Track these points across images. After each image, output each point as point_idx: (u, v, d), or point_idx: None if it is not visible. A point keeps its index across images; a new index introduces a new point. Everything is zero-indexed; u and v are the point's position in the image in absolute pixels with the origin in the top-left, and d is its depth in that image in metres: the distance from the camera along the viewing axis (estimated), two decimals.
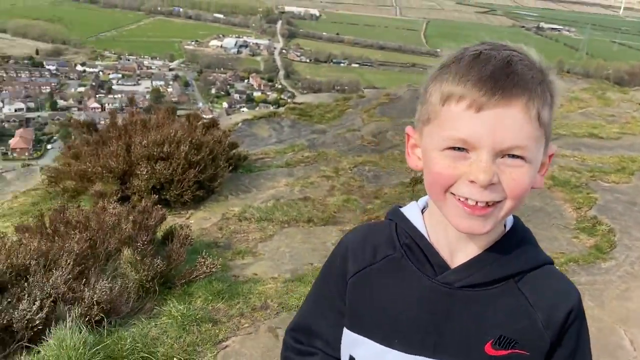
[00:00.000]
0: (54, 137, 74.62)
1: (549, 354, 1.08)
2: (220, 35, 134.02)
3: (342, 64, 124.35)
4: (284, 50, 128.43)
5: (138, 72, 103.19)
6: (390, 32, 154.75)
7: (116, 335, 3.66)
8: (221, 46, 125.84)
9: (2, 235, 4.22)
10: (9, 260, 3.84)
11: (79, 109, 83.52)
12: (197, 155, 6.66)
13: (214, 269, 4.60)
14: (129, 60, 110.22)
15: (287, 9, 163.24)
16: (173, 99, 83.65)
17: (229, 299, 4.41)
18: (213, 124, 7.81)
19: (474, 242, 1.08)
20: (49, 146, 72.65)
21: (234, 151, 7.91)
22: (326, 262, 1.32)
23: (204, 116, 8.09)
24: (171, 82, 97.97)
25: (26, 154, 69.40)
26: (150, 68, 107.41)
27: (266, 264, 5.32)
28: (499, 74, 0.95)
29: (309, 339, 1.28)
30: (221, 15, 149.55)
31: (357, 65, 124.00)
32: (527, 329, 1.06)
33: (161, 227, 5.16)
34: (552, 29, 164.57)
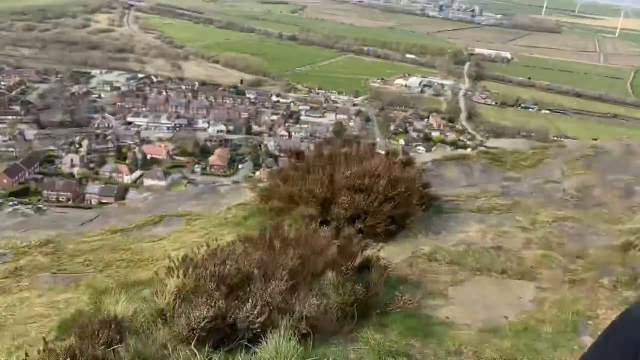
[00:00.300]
0: (246, 158, 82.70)
1: None
2: (406, 75, 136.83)
3: (530, 109, 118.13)
4: (469, 92, 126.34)
5: (325, 105, 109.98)
6: (590, 79, 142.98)
7: (321, 351, 3.91)
8: (405, 85, 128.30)
9: (231, 243, 4.81)
10: (237, 266, 4.36)
11: (269, 135, 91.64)
12: (394, 191, 6.85)
13: (410, 306, 4.67)
14: (318, 93, 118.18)
15: (477, 50, 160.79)
16: (354, 132, 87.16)
17: (424, 337, 4.43)
18: (409, 161, 7.99)
19: None
20: (240, 166, 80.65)
21: (426, 190, 7.97)
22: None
23: (401, 153, 8.32)
24: (353, 117, 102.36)
25: (221, 170, 77.89)
26: (336, 102, 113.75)
27: (458, 309, 5.24)
28: None
29: None
30: (410, 55, 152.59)
31: (547, 112, 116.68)
32: None
33: (360, 256, 5.39)
34: None
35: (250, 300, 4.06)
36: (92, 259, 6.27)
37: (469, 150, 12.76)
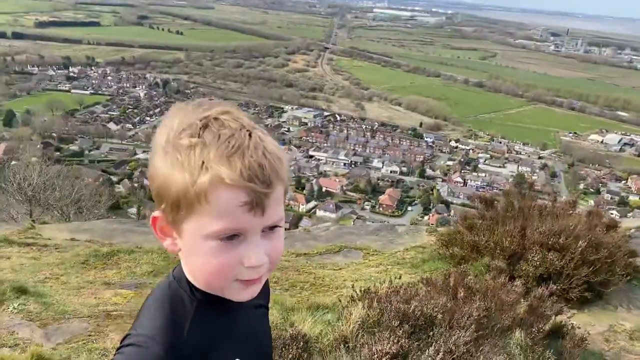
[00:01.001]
0: (416, 201, 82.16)
1: None
2: (603, 130, 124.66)
3: None
4: None
5: (507, 155, 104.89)
6: None
7: None
8: (602, 141, 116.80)
9: (414, 284, 4.79)
10: (421, 307, 4.32)
11: (443, 180, 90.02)
12: (595, 255, 6.23)
13: None
14: (500, 142, 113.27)
15: None
16: (536, 187, 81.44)
17: None
18: (614, 225, 7.22)
19: None
20: (409, 208, 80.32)
21: (631, 259, 7.10)
22: None
23: (607, 216, 7.55)
24: (537, 170, 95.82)
25: (390, 210, 78.34)
26: (520, 153, 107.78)
27: None
28: None
29: None
30: (616, 112, 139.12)
31: None
32: None
33: (552, 320, 4.98)
34: None
35: (433, 345, 3.98)
36: (280, 276, 6.73)
37: None
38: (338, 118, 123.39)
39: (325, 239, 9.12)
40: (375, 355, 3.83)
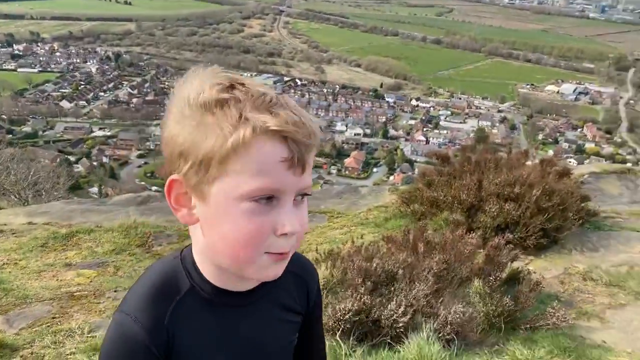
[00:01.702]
0: (380, 162, 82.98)
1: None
2: (559, 81, 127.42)
3: None
4: (631, 101, 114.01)
5: (467, 110, 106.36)
6: None
7: (464, 359, 3.83)
8: (558, 92, 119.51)
9: (375, 242, 4.89)
10: (382, 264, 4.42)
11: (406, 140, 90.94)
12: (548, 202, 6.45)
13: (562, 323, 4.38)
14: (460, 98, 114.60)
15: None
16: (496, 140, 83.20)
17: (576, 358, 4.12)
18: (566, 172, 7.47)
19: None
20: (375, 169, 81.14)
21: (583, 204, 7.38)
22: None
23: (557, 163, 7.80)
24: (497, 124, 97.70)
25: (355, 173, 78.98)
26: (479, 108, 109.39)
27: (617, 334, 4.79)
28: None
29: None
30: (570, 63, 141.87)
31: None
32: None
33: (509, 267, 5.17)
34: None
35: (394, 300, 4.10)
36: None
37: (629, 164, 11.57)
38: (299, 83, 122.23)
39: None
40: (339, 313, 3.92)
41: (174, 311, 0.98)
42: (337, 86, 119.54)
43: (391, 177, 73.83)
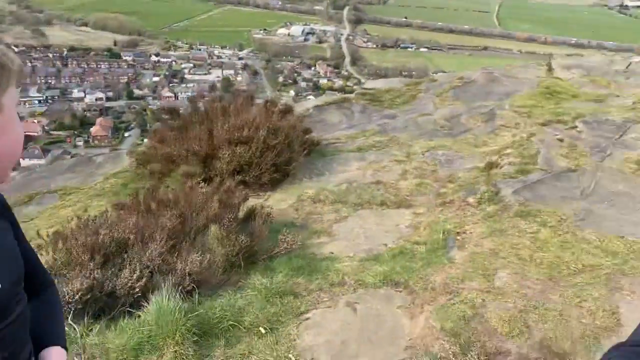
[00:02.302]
0: (131, 125, 78.51)
1: None
2: (288, 23, 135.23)
3: (409, 49, 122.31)
4: (350, 37, 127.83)
5: (209, 61, 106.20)
6: (460, 14, 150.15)
7: (207, 305, 3.94)
8: (289, 34, 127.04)
9: (104, 212, 4.61)
10: (111, 234, 4.21)
11: (154, 98, 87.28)
12: (275, 140, 6.89)
13: (294, 246, 4.82)
14: (200, 50, 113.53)
15: None
16: (242, 88, 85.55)
17: (309, 274, 4.60)
18: (288, 110, 8.04)
19: None
20: (126, 134, 76.50)
21: (307, 136, 8.10)
22: None
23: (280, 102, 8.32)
24: (240, 71, 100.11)
25: (106, 141, 73.41)
26: (221, 57, 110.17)
27: (342, 243, 5.49)
28: None
29: None
30: (295, 5, 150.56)
31: (425, 50, 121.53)
32: None
33: (243, 207, 5.43)
34: (639, 6, 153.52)
35: (128, 266, 3.96)
36: None
37: (353, 94, 13.06)
38: (16, 50, 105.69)
39: (11, 191, 8.03)
40: (67, 296, 3.63)
41: None
42: (65, 49, 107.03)
43: (145, 140, 70.60)
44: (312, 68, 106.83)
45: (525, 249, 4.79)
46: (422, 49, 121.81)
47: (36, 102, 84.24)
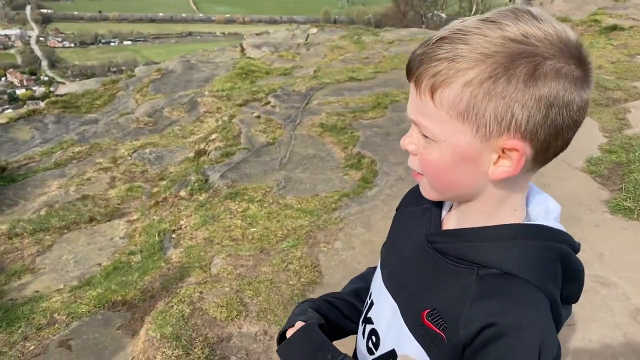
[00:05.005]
0: None
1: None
2: None
3: (112, 44, 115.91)
4: (41, 38, 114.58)
5: None
6: (156, 3, 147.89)
7: None
8: None
9: None
10: None
11: None
12: None
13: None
14: None
15: None
16: None
17: (8, 326, 3.97)
18: None
19: (460, 214, 1.06)
20: None
21: None
22: None
23: None
24: None
25: None
26: None
27: (48, 277, 4.89)
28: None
29: None
30: None
31: (129, 43, 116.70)
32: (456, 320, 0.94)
33: None
34: None
35: None
36: None
37: (42, 103, 11.72)
38: None
39: None
40: None
41: None
42: None
43: None
44: (3, 78, 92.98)
45: (237, 229, 4.97)
46: (125, 42, 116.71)
47: None
